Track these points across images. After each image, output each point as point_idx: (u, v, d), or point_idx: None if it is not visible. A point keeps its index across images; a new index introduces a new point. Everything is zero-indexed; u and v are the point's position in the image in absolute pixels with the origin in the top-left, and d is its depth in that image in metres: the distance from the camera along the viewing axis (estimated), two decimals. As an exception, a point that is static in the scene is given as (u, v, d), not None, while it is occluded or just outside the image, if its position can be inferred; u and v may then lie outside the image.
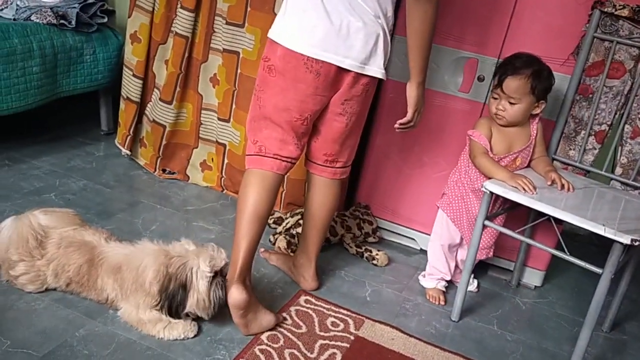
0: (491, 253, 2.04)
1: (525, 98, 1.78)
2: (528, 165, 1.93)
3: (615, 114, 1.97)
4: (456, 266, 2.09)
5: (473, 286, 2.13)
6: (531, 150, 1.90)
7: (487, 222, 1.79)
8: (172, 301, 1.55)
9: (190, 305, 1.56)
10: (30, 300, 1.63)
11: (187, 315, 1.61)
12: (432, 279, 2.06)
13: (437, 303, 2.00)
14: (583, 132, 1.99)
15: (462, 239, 2.02)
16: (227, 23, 2.30)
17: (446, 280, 2.07)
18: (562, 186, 1.77)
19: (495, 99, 1.82)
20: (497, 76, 1.80)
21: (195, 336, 1.61)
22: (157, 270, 1.55)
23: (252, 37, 2.26)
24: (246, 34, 2.27)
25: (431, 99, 2.14)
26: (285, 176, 2.40)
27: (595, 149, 2.03)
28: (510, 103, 1.79)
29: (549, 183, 1.79)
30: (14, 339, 1.48)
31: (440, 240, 2.02)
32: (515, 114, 1.81)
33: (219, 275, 1.59)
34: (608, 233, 1.52)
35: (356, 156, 2.35)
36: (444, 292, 2.05)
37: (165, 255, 1.58)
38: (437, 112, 2.14)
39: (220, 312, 1.72)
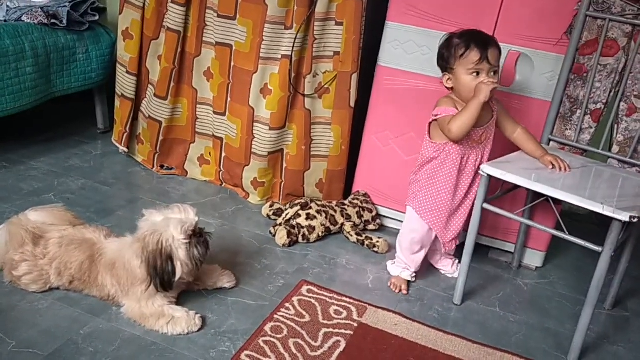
0: (458, 241, 2.00)
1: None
2: (513, 145, 1.91)
3: (610, 92, 1.97)
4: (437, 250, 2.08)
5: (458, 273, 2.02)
6: (494, 125, 1.86)
7: (485, 206, 1.79)
8: (164, 276, 1.56)
9: (178, 273, 1.58)
10: (33, 300, 1.64)
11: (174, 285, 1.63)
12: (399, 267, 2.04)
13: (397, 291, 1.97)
14: (579, 111, 1.99)
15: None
16: (218, 16, 2.29)
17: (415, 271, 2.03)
18: (560, 168, 1.77)
19: (475, 74, 1.74)
20: (479, 50, 1.71)
21: (199, 330, 1.61)
22: (139, 256, 1.57)
23: (244, 29, 2.25)
24: (238, 26, 2.26)
25: (426, 85, 2.14)
26: (284, 167, 2.42)
27: (592, 127, 2.03)
28: (495, 73, 1.75)
29: (550, 168, 1.78)
30: (18, 339, 1.49)
31: (412, 233, 1.96)
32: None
33: (194, 236, 1.61)
34: (607, 211, 1.52)
35: (352, 144, 2.37)
36: (408, 282, 2.01)
37: (138, 239, 1.59)
38: (432, 97, 2.13)
39: (223, 305, 1.74)
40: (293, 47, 2.20)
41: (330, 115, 2.31)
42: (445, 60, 1.80)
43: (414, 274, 2.02)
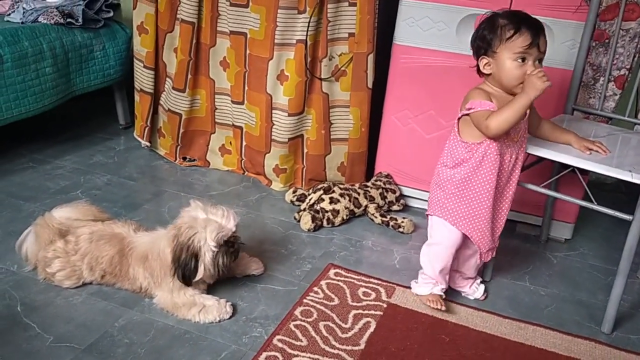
0: (494, 253, 1.80)
1: None
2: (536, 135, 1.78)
3: (634, 56, 1.92)
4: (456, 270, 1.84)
5: (479, 293, 1.85)
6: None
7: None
8: (185, 269, 1.58)
9: (199, 273, 1.61)
10: (67, 295, 1.68)
11: (200, 281, 1.66)
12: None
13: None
14: (602, 78, 1.95)
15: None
16: (231, 5, 2.28)
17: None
18: (604, 151, 1.65)
19: (521, 60, 1.52)
20: (530, 34, 1.50)
21: (230, 317, 1.64)
22: (170, 244, 1.60)
23: (258, 17, 2.24)
24: (251, 13, 2.26)
25: (444, 60, 2.11)
26: (305, 152, 2.42)
27: (616, 94, 1.99)
28: (540, 61, 1.55)
29: (588, 153, 1.64)
30: (56, 334, 1.52)
31: (446, 250, 1.71)
32: None
33: (224, 245, 1.63)
34: (635, 179, 1.50)
35: (372, 125, 2.36)
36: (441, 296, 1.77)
37: (176, 228, 1.62)
38: (450, 73, 2.11)
39: (253, 291, 1.76)
40: (307, 31, 2.18)
41: (348, 98, 2.30)
42: (487, 42, 1.57)
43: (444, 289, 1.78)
